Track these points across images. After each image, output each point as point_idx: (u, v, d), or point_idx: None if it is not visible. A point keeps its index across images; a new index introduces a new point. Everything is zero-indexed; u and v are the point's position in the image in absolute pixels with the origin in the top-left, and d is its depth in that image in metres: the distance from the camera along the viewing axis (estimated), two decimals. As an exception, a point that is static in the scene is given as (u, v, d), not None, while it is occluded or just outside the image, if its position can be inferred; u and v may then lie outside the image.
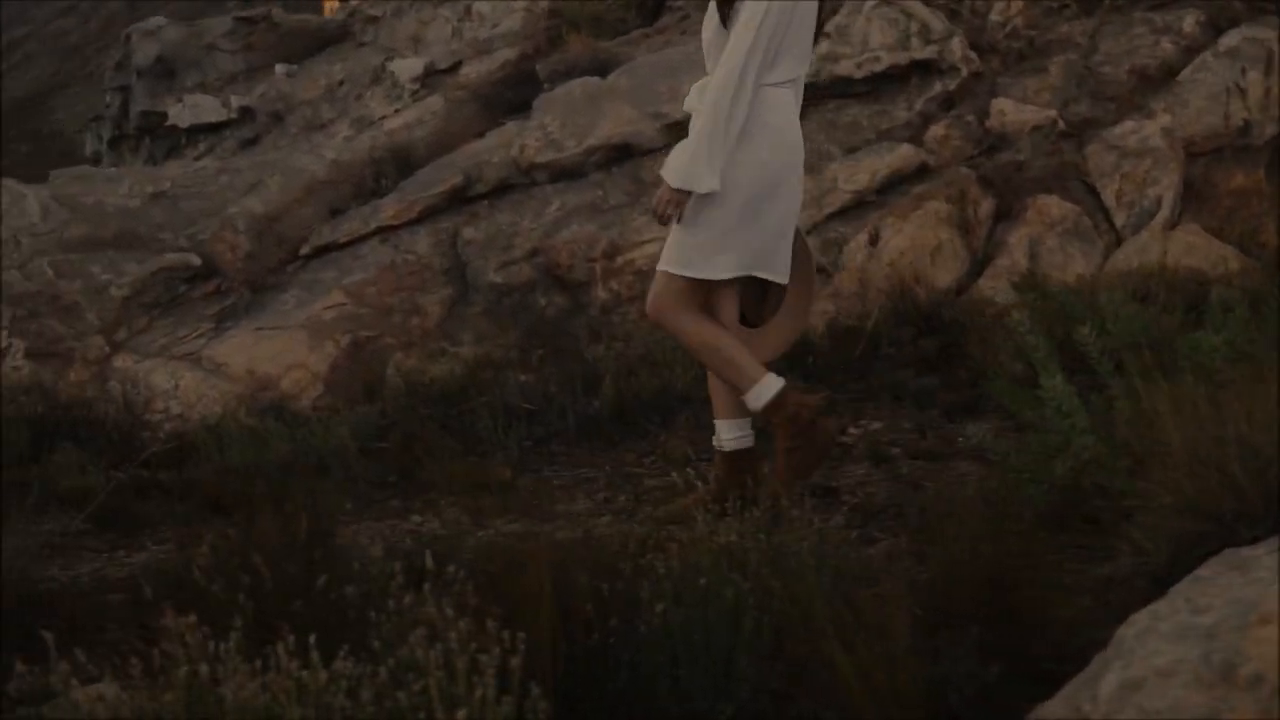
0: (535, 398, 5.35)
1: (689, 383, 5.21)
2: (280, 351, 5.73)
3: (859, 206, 6.00)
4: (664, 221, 3.78)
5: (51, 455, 5.61)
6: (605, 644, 2.66)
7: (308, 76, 7.04)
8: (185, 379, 5.61)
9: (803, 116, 6.37)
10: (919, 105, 6.30)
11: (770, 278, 3.83)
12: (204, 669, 2.26)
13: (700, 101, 3.81)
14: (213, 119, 6.96)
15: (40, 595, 3.65)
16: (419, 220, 6.32)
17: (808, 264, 4.08)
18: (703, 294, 3.95)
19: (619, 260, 5.92)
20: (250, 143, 6.91)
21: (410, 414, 5.29)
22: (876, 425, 4.79)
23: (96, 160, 8.04)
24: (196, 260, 6.15)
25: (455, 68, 6.97)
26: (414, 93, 6.86)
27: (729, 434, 3.94)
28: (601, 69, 6.74)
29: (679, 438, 4.86)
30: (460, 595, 2.63)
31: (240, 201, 6.40)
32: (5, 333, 5.75)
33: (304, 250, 6.35)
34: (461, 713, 2.29)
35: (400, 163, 6.63)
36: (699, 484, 3.96)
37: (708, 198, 3.70)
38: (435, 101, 6.83)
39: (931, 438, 4.52)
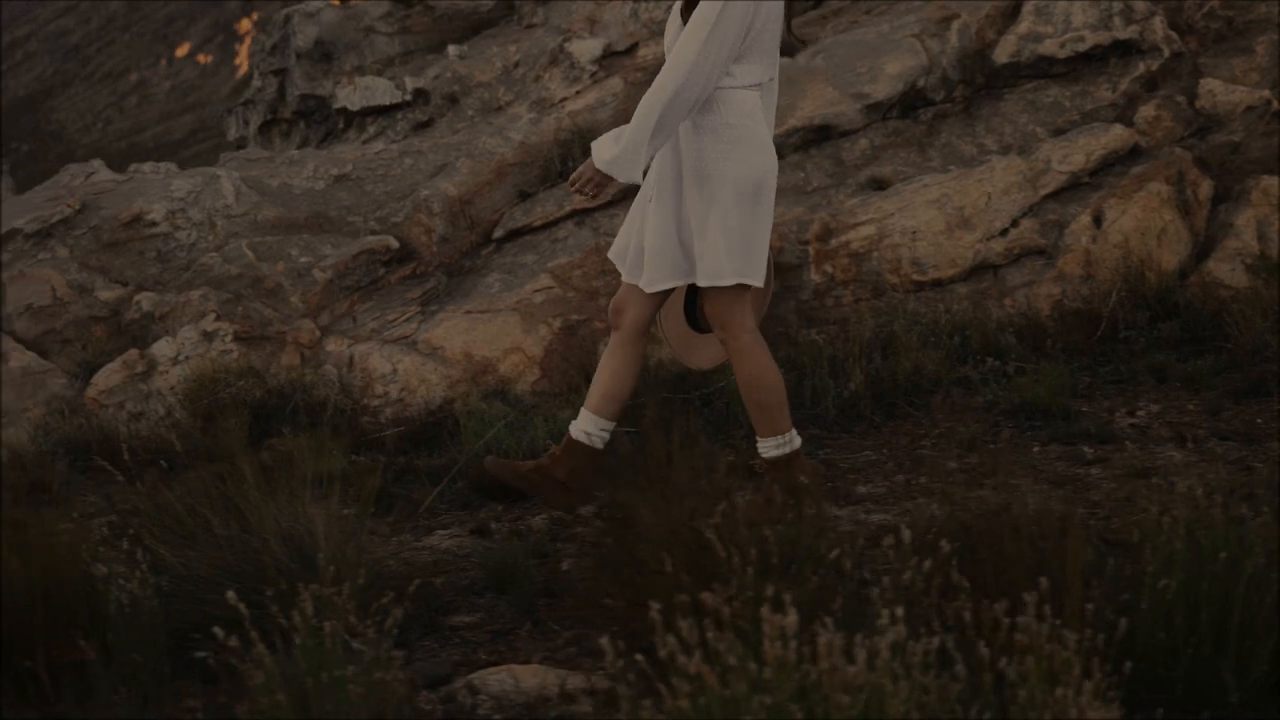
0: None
1: (939, 364, 5.12)
2: (496, 335, 5.61)
3: (1074, 188, 5.90)
4: (580, 194, 3.80)
5: (272, 440, 5.52)
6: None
7: (481, 58, 6.91)
8: (403, 363, 5.49)
9: (1000, 97, 6.35)
10: (1123, 86, 6.20)
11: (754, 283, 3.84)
12: (794, 649, 2.14)
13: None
14: (385, 101, 6.83)
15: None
16: (613, 203, 6.20)
17: (767, 275, 4.06)
18: (657, 304, 4.02)
19: (833, 243, 5.80)
20: (423, 125, 6.78)
21: (648, 398, 5.17)
22: (1155, 408, 4.69)
23: (241, 146, 7.89)
24: (395, 243, 6.03)
25: (632, 49, 6.85)
26: (593, 74, 6.74)
27: (588, 427, 4.04)
28: (787, 49, 6.60)
29: (949, 419, 4.77)
30: (945, 568, 2.53)
31: (430, 184, 6.28)
32: (213, 316, 5.62)
33: (497, 233, 6.23)
34: (1061, 691, 2.19)
35: (586, 145, 6.49)
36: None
37: (741, 204, 3.69)
38: (615, 83, 6.71)
39: (1228, 419, 4.43)
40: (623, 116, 6.70)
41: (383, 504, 4.47)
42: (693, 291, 4.13)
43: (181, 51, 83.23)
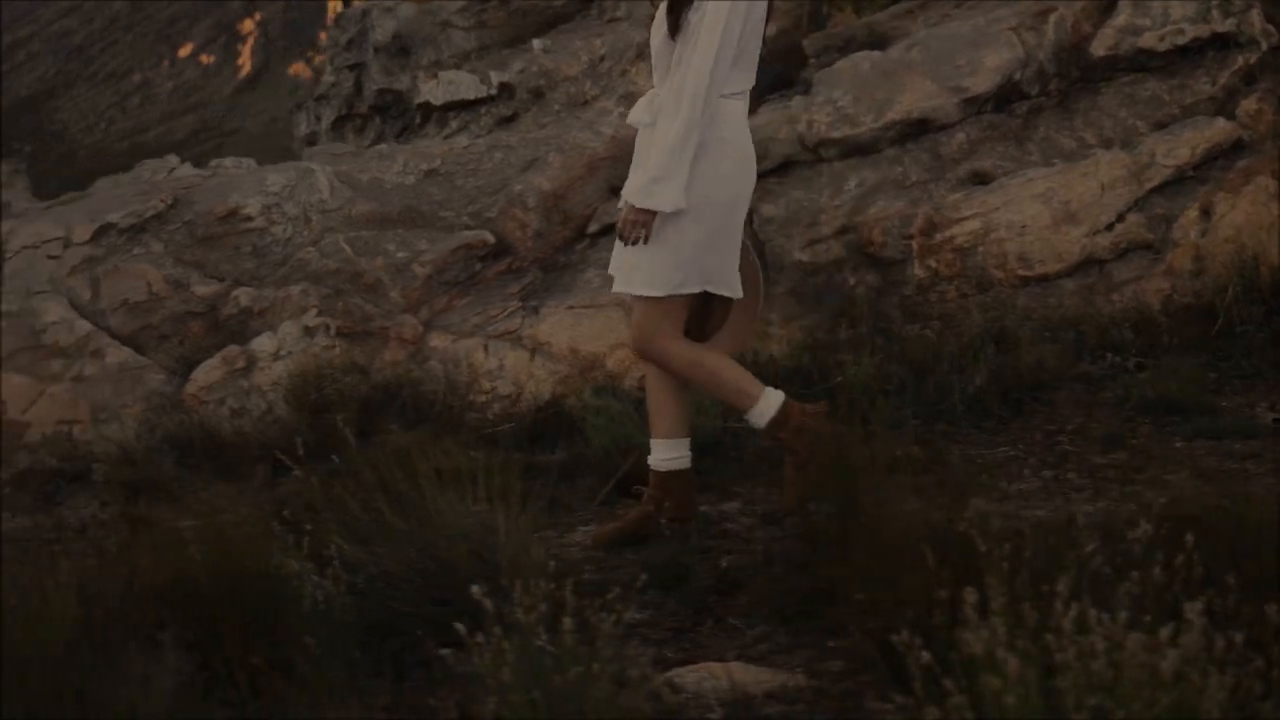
0: (890, 377, 5.19)
1: (1059, 360, 5.07)
2: (601, 331, 5.56)
3: (1179, 182, 5.84)
4: (631, 244, 3.64)
5: (379, 436, 5.46)
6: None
7: (565, 52, 6.85)
8: (510, 358, 5.44)
9: (1097, 91, 6.29)
10: (1222, 79, 6.15)
11: (725, 293, 3.73)
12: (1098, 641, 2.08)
13: (648, 115, 3.69)
14: (469, 96, 6.77)
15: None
16: (708, 197, 6.13)
17: (755, 281, 3.96)
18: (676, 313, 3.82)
19: (937, 237, 5.75)
20: (507, 120, 6.73)
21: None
22: (1292, 403, 4.64)
23: (311, 142, 7.84)
24: (491, 238, 5.97)
25: (719, 43, 6.78)
26: (680, 68, 6.68)
27: (667, 454, 3.87)
28: (879, 43, 6.58)
29: (1080, 415, 4.72)
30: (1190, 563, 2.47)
31: (522, 179, 6.22)
32: (314, 311, 5.56)
33: (592, 228, 6.18)
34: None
35: (676, 139, 6.44)
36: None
37: (676, 214, 3.57)
38: (703, 77, 6.64)
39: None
40: (711, 111, 6.64)
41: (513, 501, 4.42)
42: (701, 300, 4.03)
43: (184, 52, 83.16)
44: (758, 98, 6.83)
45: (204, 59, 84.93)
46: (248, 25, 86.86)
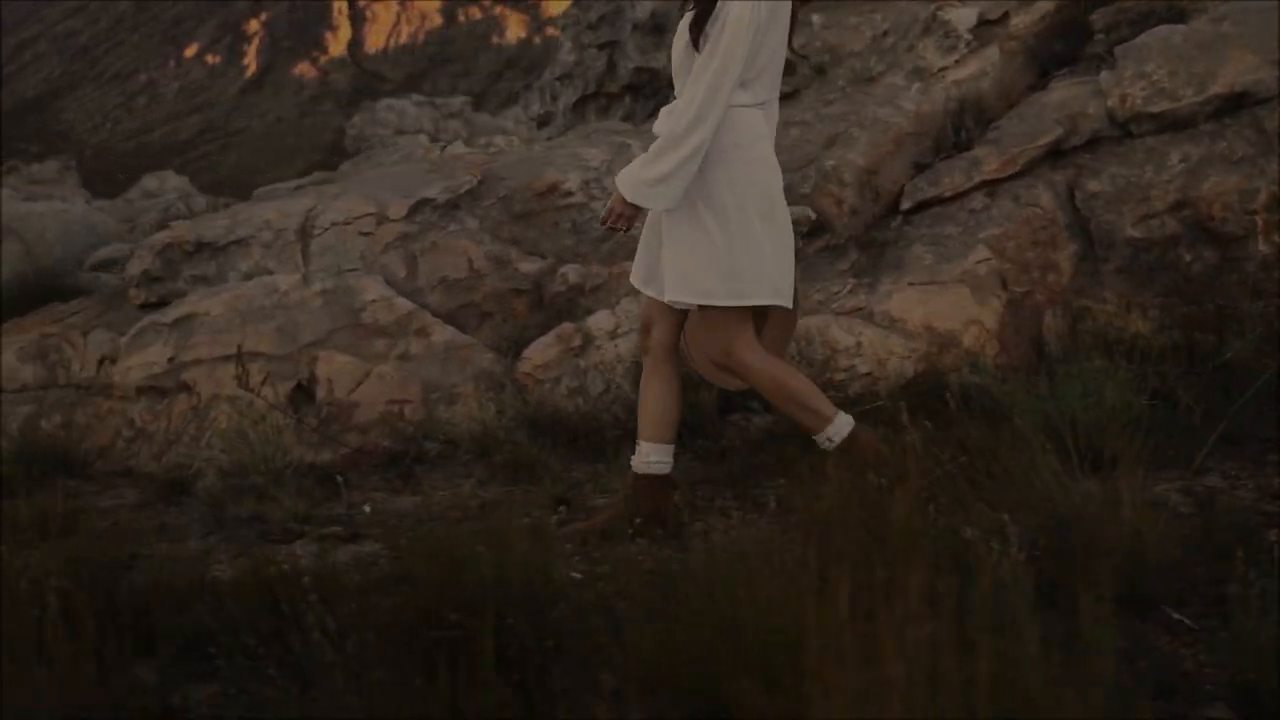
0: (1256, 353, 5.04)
1: None
2: (951, 308, 5.39)
3: None
4: (614, 230, 3.70)
5: (735, 415, 5.29)
6: None
7: (843, 28, 6.68)
8: (865, 335, 5.27)
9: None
10: None
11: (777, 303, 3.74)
12: None
13: (666, 126, 3.67)
14: (749, 72, 6.58)
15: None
16: (1021, 174, 5.99)
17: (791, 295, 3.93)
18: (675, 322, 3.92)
19: (1283, 212, 5.59)
20: (787, 96, 6.54)
21: (1161, 369, 4.96)
22: None
23: (544, 122, 7.65)
24: (813, 215, 5.80)
25: (1004, 18, 6.64)
26: (968, 43, 6.53)
27: (650, 457, 3.88)
28: (1177, 16, 6.43)
29: None
30: None
31: (831, 154, 6.05)
32: (655, 288, 5.37)
33: (905, 205, 6.01)
34: None
35: (975, 115, 6.30)
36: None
37: (705, 221, 3.61)
38: (993, 53, 6.49)
39: None
40: (1002, 85, 6.51)
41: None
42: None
43: (190, 52, 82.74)
44: (1043, 75, 6.68)
45: (209, 59, 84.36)
46: (253, 25, 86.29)
